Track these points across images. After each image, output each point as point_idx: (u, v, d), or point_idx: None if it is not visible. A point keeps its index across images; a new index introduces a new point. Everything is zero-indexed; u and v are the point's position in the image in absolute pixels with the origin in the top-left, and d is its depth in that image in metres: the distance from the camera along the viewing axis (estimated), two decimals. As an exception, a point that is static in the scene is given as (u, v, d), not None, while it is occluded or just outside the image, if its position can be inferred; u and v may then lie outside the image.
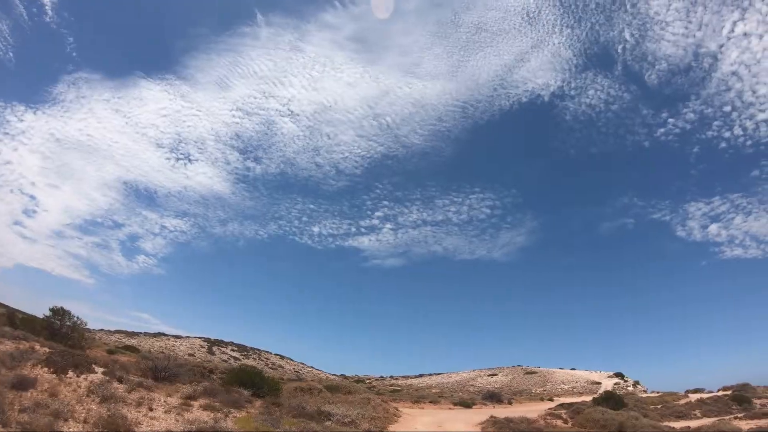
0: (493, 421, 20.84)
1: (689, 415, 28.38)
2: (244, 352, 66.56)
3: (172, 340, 63.33)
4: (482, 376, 79.06)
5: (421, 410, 31.60)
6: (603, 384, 67.14)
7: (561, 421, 23.33)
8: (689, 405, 31.91)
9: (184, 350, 56.31)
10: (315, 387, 24.09)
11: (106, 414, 9.94)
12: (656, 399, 38.31)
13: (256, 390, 17.51)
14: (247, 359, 61.44)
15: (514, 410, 31.34)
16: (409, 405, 33.97)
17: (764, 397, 33.84)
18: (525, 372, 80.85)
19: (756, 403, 30.76)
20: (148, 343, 56.45)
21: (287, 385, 22.44)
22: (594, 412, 22.82)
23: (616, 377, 74.55)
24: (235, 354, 63.33)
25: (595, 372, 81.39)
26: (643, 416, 23.28)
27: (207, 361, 42.40)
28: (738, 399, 31.58)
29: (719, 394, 38.16)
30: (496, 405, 39.27)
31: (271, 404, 16.64)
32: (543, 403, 42.07)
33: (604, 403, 27.02)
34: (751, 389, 38.38)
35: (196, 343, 63.85)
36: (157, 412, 11.41)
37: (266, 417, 14.22)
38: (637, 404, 31.53)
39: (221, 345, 66.62)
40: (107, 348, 23.74)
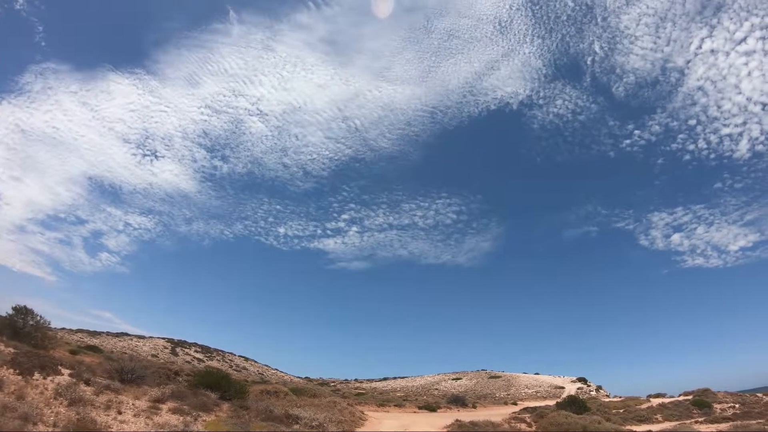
0: (458, 424, 21.57)
1: (651, 419, 29.58)
2: (208, 353, 65.75)
3: (135, 341, 61.98)
4: (447, 380, 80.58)
5: (386, 414, 32.19)
6: (566, 388, 69.55)
7: (525, 424, 24.27)
8: (651, 409, 33.00)
9: (147, 351, 55.22)
10: (281, 390, 24.31)
11: (75, 417, 10.07)
12: (619, 403, 39.64)
13: (223, 393, 17.68)
14: (211, 361, 60.73)
15: (478, 414, 32.36)
16: (374, 408, 34.50)
17: (724, 402, 35.21)
18: (489, 376, 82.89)
19: (716, 408, 32.10)
20: (111, 343, 55.13)
21: (253, 387, 22.60)
22: (557, 416, 23.81)
23: (579, 382, 77.29)
24: (198, 355, 62.47)
25: (559, 377, 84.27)
26: (606, 420, 24.26)
27: (171, 362, 41.79)
28: (699, 404, 32.86)
29: (680, 398, 39.44)
30: (461, 409, 40.36)
31: (239, 407, 16.86)
32: (507, 407, 43.45)
33: (567, 407, 27.93)
34: (712, 394, 39.85)
35: (159, 343, 62.68)
36: (126, 415, 11.55)
37: (235, 421, 14.48)
38: (599, 408, 32.52)
39: (185, 346, 65.62)
40: (70, 348, 23.26)
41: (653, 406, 34.70)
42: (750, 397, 39.60)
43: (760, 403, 34.33)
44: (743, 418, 25.89)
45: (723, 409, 32.05)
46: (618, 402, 42.06)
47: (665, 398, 43.01)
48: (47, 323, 16.27)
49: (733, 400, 36.72)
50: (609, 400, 47.44)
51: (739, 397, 39.74)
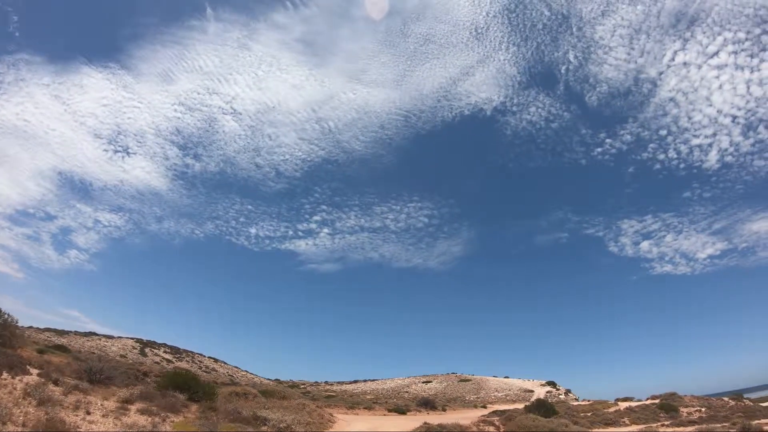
0: (426, 427, 22.26)
1: (618, 422, 30.62)
2: (177, 354, 65.27)
3: (104, 340, 61.08)
4: (417, 383, 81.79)
5: (356, 416, 32.81)
6: (535, 392, 71.50)
7: (493, 427, 25.15)
8: (618, 413, 34.12)
9: (116, 351, 54.54)
10: (250, 392, 24.68)
11: (44, 418, 10.38)
12: (587, 407, 40.94)
13: (192, 394, 18.03)
14: (180, 362, 60.34)
15: (448, 417, 33.22)
16: (343, 411, 35.07)
17: (691, 406, 36.71)
18: (459, 379, 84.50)
19: (683, 412, 33.57)
20: (79, 342, 54.31)
21: (222, 389, 22.91)
22: (526, 419, 24.73)
23: (548, 385, 79.50)
24: (167, 356, 61.97)
25: (528, 380, 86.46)
26: (574, 423, 25.24)
27: (139, 363, 41.47)
28: (665, 407, 34.17)
29: (647, 402, 40.96)
30: (431, 412, 41.27)
31: (207, 409, 17.24)
32: (477, 411, 44.63)
33: (535, 410, 28.92)
34: (678, 398, 41.46)
35: (128, 343, 61.96)
36: (95, 415, 11.88)
37: (203, 422, 14.88)
38: (568, 412, 33.48)
39: (154, 346, 65.01)
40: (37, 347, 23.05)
41: (621, 410, 35.76)
42: (716, 401, 41.71)
43: (726, 407, 36.11)
44: (709, 421, 27.03)
45: (689, 412, 33.49)
46: (586, 405, 43.24)
47: (633, 402, 44.59)
48: (15, 321, 16.29)
49: (700, 404, 38.38)
50: (577, 404, 48.70)
51: (705, 401, 41.55)
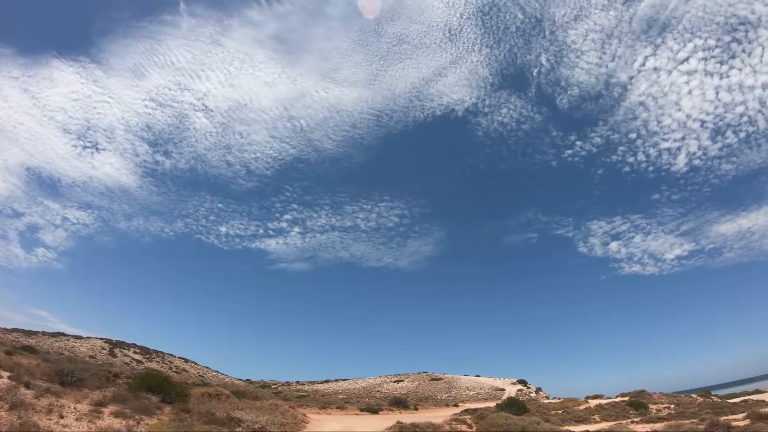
0: (399, 426, 22.66)
1: (589, 419, 31.28)
2: (147, 354, 64.14)
3: (72, 341, 59.46)
4: (388, 382, 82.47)
5: (329, 416, 33.10)
6: (507, 390, 73.10)
7: (466, 426, 25.65)
8: (589, 410, 34.80)
9: (85, 351, 53.20)
10: (222, 393, 24.66)
11: (17, 422, 10.36)
12: (557, 405, 41.73)
13: (165, 396, 18.01)
14: (150, 362, 59.31)
15: (420, 416, 33.81)
16: (316, 411, 35.33)
17: (659, 403, 37.86)
18: (431, 378, 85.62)
19: (652, 409, 34.61)
20: (47, 343, 52.84)
21: (194, 390, 22.84)
22: (497, 417, 25.40)
23: (519, 384, 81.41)
24: (137, 356, 60.84)
25: (499, 379, 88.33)
26: (545, 421, 25.90)
27: (109, 364, 40.64)
28: (635, 404, 35.17)
29: (617, 400, 41.54)
30: (403, 411, 41.87)
31: (181, 411, 17.27)
32: (448, 409, 45.43)
33: (507, 408, 29.59)
34: (648, 395, 42.68)
35: (97, 344, 60.51)
36: (69, 419, 11.86)
37: (178, 424, 14.95)
38: (539, 410, 34.01)
39: (123, 347, 63.72)
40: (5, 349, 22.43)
41: (591, 407, 36.52)
42: (684, 398, 43.17)
43: (694, 403, 37.43)
44: (677, 418, 27.75)
45: (658, 409, 34.47)
46: (557, 403, 44.12)
47: (603, 399, 45.34)
48: (-20, 323, 15.93)
49: (668, 400, 39.63)
50: (548, 402, 49.66)
51: (674, 398, 42.93)
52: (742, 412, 25.53)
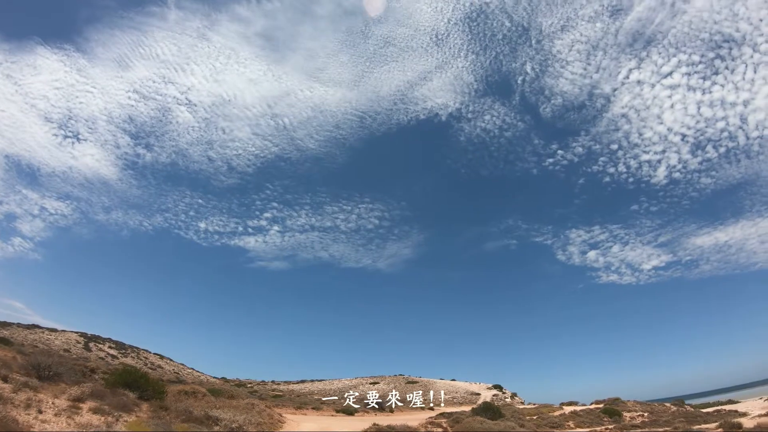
0: (376, 428, 23.01)
1: (563, 425, 31.80)
2: (122, 350, 63.01)
3: (47, 334, 58.06)
4: (364, 384, 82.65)
5: (304, 416, 33.25)
6: (482, 395, 73.94)
7: (441, 429, 26.19)
8: (563, 416, 35.37)
9: (60, 345, 52.00)
10: (199, 391, 24.62)
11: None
12: (532, 410, 42.43)
13: (142, 392, 17.94)
14: (126, 358, 58.35)
15: (396, 418, 34.09)
16: (292, 411, 35.43)
17: (633, 411, 38.52)
18: (407, 381, 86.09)
19: (626, 416, 35.29)
20: (22, 335, 51.61)
21: (170, 387, 22.76)
22: (473, 422, 25.91)
23: (495, 389, 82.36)
24: (113, 351, 59.73)
25: (475, 383, 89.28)
26: (520, 426, 26.57)
27: (84, 358, 39.90)
28: (609, 412, 35.91)
29: (592, 407, 42.54)
30: (379, 413, 42.06)
31: (159, 408, 17.27)
32: (424, 412, 45.71)
33: (482, 413, 30.17)
34: (622, 403, 43.65)
35: (72, 337, 59.19)
36: (47, 414, 11.84)
37: (157, 422, 14.96)
38: (514, 415, 34.52)
39: (98, 341, 62.48)
40: None
41: (566, 414, 37.13)
42: (658, 407, 44.09)
43: (668, 412, 38.17)
44: (651, 426, 28.69)
45: (632, 417, 35.18)
46: (532, 409, 44.84)
47: (577, 406, 46.22)
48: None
49: (642, 409, 40.37)
50: (523, 407, 50.33)
51: (648, 406, 43.77)
52: (715, 422, 26.46)
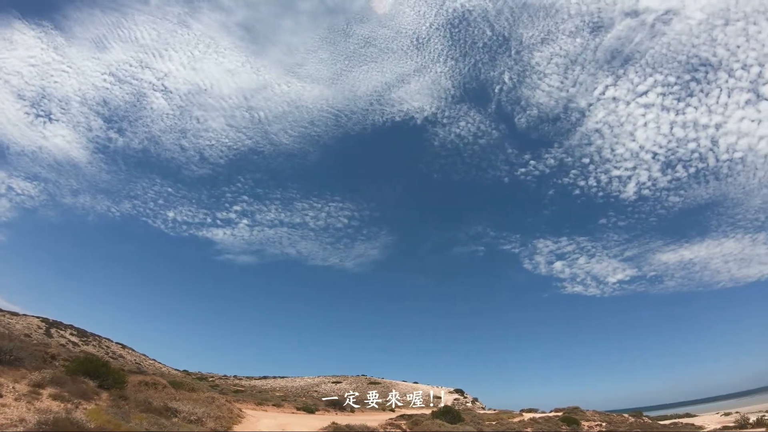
0: (335, 427, 23.56)
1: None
2: (84, 337, 61.71)
3: (8, 317, 56.29)
4: (326, 383, 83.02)
5: (264, 413, 33.52)
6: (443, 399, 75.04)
7: (400, 430, 26.69)
8: (522, 423, 36.11)
9: (21, 329, 50.50)
10: (160, 382, 24.73)
11: (-43, 398, 10.50)
12: (492, 416, 43.30)
13: (102, 381, 18.13)
14: (87, 345, 57.21)
15: (356, 418, 34.71)
16: (252, 407, 35.61)
17: (592, 420, 39.35)
18: (369, 382, 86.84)
19: (584, 425, 36.10)
20: None
21: (131, 377, 22.86)
22: (431, 425, 26.62)
23: (456, 393, 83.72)
24: (74, 339, 58.44)
25: (437, 387, 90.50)
26: (478, 431, 27.34)
27: (45, 344, 39.05)
28: (567, 420, 36.57)
29: (551, 414, 43.50)
30: (339, 412, 42.64)
31: (118, 397, 17.50)
32: (385, 413, 46.41)
33: (442, 416, 30.64)
34: (581, 412, 44.43)
35: (33, 322, 57.56)
36: (7, 399, 12.06)
37: (116, 411, 15.23)
38: (473, 419, 35.00)
39: (60, 327, 61.02)
40: None
41: (525, 420, 37.89)
42: (616, 417, 45.50)
43: (626, 422, 39.75)
44: None
45: (590, 426, 36.10)
46: (492, 414, 45.83)
47: (537, 414, 47.53)
48: None
49: (601, 419, 41.28)
50: (483, 412, 51.45)
51: (606, 416, 44.66)
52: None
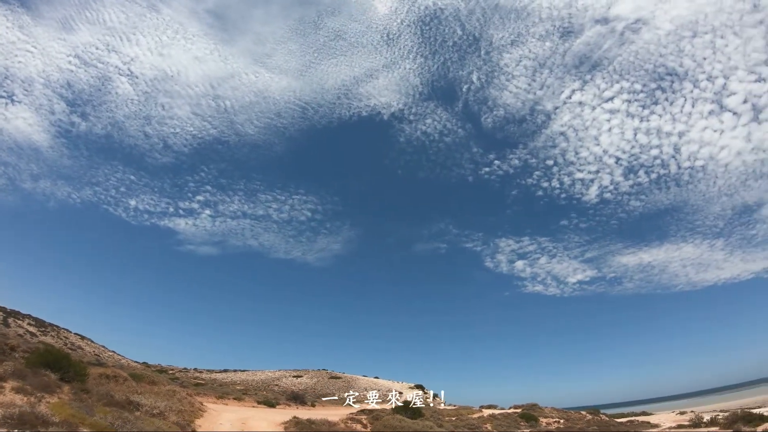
0: (295, 421, 24.02)
1: (480, 427, 33.00)
2: (43, 327, 59.67)
3: None
4: (287, 377, 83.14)
5: (225, 406, 33.65)
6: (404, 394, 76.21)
7: (360, 425, 27.23)
8: (482, 419, 36.61)
9: None
10: (120, 375, 24.66)
11: None
12: (452, 411, 44.06)
13: (63, 374, 18.08)
14: (45, 336, 55.42)
15: (317, 412, 35.25)
16: (213, 400, 35.67)
17: (550, 417, 40.44)
18: (330, 376, 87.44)
19: (542, 422, 37.21)
20: None
21: (91, 370, 22.70)
22: (392, 419, 27.28)
23: (417, 388, 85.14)
24: (32, 329, 56.44)
25: (398, 382, 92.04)
26: (438, 426, 27.84)
27: (2, 334, 37.68)
28: (526, 417, 37.66)
29: (510, 411, 43.98)
30: (300, 406, 43.19)
31: (80, 390, 17.48)
32: (346, 408, 47.06)
33: (402, 411, 31.31)
34: (539, 409, 44.61)
35: None
36: (-30, 392, 12.03)
37: (79, 404, 15.32)
38: (433, 415, 35.59)
39: (18, 317, 58.77)
40: None
41: (484, 416, 38.38)
42: (574, 414, 46.58)
43: (583, 420, 41.15)
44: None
45: (548, 423, 37.24)
46: (452, 410, 46.61)
47: (496, 410, 48.03)
48: None
49: (559, 416, 42.45)
50: (443, 408, 52.44)
51: (564, 413, 45.61)
52: (627, 431, 29.22)
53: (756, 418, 28.34)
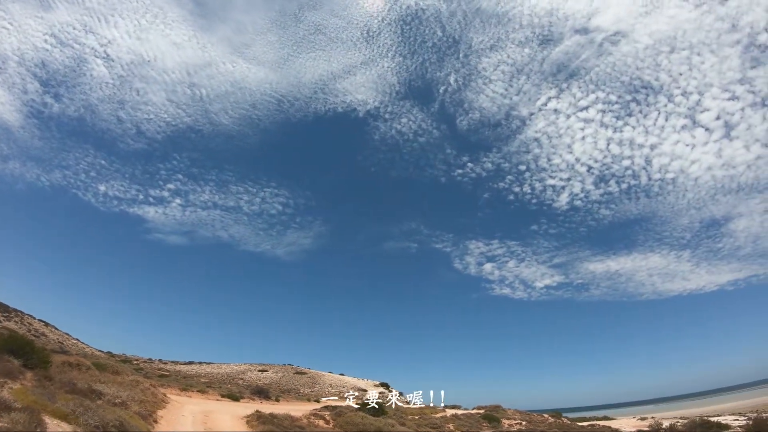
0: (257, 415, 24.41)
1: (443, 427, 33.07)
2: (6, 312, 58.05)
3: None
4: (252, 371, 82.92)
5: (189, 399, 33.73)
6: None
7: (323, 421, 27.63)
8: (444, 419, 36.62)
9: None
10: (84, 363, 24.71)
11: None
12: (416, 410, 43.79)
13: (26, 360, 18.17)
14: (9, 322, 53.97)
15: (280, 407, 35.56)
16: (176, 392, 35.69)
17: (512, 419, 40.67)
18: (295, 371, 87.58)
19: (504, 423, 37.52)
20: None
21: (55, 357, 22.73)
22: (355, 416, 27.80)
23: (381, 386, 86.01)
24: None
25: (363, 380, 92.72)
26: (401, 424, 28.27)
27: None
28: (488, 417, 37.95)
29: (473, 411, 44.09)
30: (264, 401, 43.47)
31: (43, 378, 17.64)
32: (309, 404, 47.57)
33: (365, 409, 31.83)
34: (502, 411, 45.22)
35: None
36: (-66, 375, 12.20)
37: (42, 391, 15.51)
38: (397, 413, 35.99)
39: None
40: None
41: (447, 416, 38.52)
42: (537, 417, 47.52)
43: (545, 422, 41.83)
44: None
45: (510, 424, 37.44)
46: (415, 409, 46.71)
47: (459, 410, 48.49)
48: None
49: (521, 417, 43.01)
50: (407, 407, 53.30)
51: (527, 415, 46.46)
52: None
53: (714, 426, 29.94)
